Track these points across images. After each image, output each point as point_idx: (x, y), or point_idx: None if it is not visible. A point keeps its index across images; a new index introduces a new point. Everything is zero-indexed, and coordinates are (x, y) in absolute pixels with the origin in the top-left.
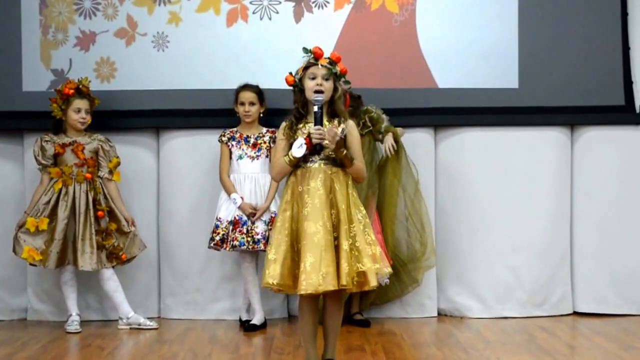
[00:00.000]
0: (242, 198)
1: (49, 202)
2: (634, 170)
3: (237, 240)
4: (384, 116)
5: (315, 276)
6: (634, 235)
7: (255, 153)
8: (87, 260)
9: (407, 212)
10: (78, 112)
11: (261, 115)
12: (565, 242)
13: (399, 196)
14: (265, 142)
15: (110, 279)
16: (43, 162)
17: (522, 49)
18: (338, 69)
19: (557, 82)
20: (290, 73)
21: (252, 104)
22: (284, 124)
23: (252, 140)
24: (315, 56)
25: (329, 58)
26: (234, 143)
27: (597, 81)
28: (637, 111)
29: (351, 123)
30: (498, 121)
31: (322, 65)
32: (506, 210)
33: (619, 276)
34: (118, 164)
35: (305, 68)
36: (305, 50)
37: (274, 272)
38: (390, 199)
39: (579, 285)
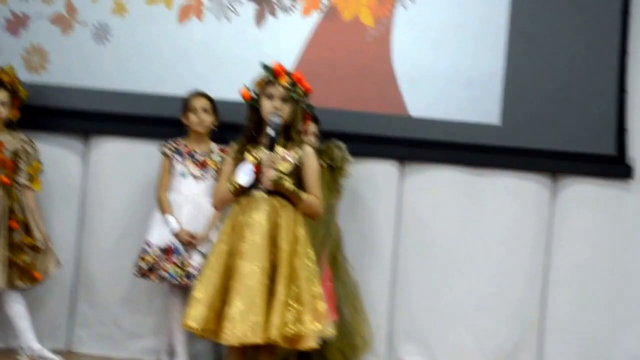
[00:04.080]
0: (178, 223)
1: None
2: (620, 234)
3: (167, 272)
4: (348, 170)
5: (242, 326)
6: (612, 307)
7: (201, 172)
8: None
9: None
10: None
11: (213, 128)
12: (535, 305)
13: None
14: (214, 162)
15: (15, 301)
16: None
17: (508, 81)
18: (299, 90)
19: (544, 122)
20: (247, 87)
21: (206, 111)
22: (233, 145)
23: (199, 157)
24: (274, 75)
25: (290, 77)
26: (178, 157)
27: (587, 125)
28: (628, 163)
29: (309, 150)
30: (473, 160)
31: (281, 85)
32: (473, 264)
33: (591, 349)
34: (39, 170)
35: (263, 85)
36: (265, 66)
37: (196, 314)
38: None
39: (548, 354)
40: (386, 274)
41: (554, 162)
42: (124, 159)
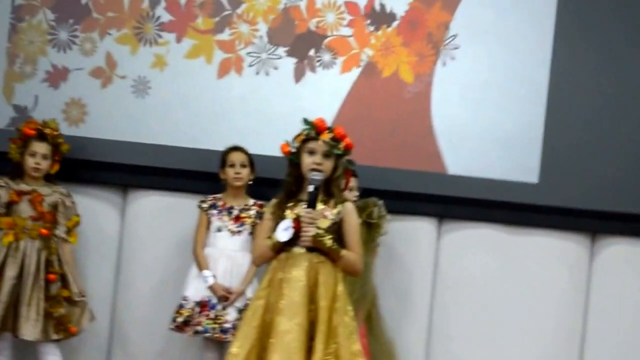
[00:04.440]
0: (214, 277)
1: None
2: None
3: (202, 325)
4: (386, 226)
5: None
6: None
7: (237, 227)
8: (31, 328)
9: None
10: (32, 156)
11: (250, 183)
12: None
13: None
14: (250, 217)
15: (52, 353)
16: None
17: (547, 139)
18: (341, 146)
19: (583, 181)
20: (287, 142)
21: (243, 166)
22: (273, 201)
23: (235, 212)
24: (316, 130)
25: (332, 133)
26: (214, 212)
27: (627, 185)
28: None
29: (349, 206)
30: (511, 219)
31: (323, 141)
32: (510, 323)
33: None
34: (77, 223)
35: (304, 140)
36: (306, 122)
37: None
38: None
39: None
40: (422, 332)
41: (593, 222)
42: (162, 213)
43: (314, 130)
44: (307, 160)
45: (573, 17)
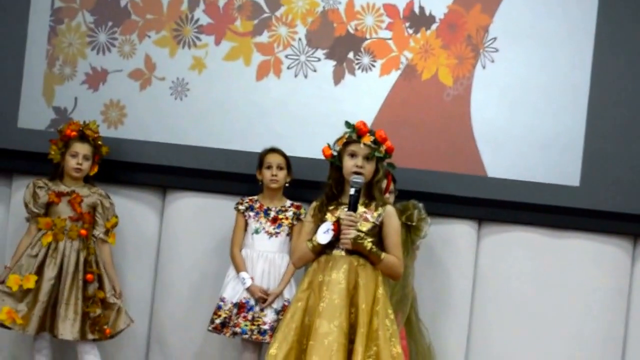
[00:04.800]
0: (252, 279)
1: (35, 256)
2: None
3: (240, 327)
4: (426, 229)
5: None
6: None
7: (274, 229)
8: (69, 328)
9: None
10: (74, 157)
11: (287, 185)
12: None
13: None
14: (287, 218)
15: (91, 352)
16: (34, 210)
17: (589, 142)
18: (383, 150)
19: (624, 184)
20: (329, 145)
21: (280, 168)
22: (314, 204)
23: (272, 214)
24: (358, 133)
25: (373, 136)
26: (251, 214)
27: None
28: None
29: (390, 209)
30: (552, 222)
31: (364, 144)
32: (550, 327)
33: None
34: (116, 224)
35: (346, 143)
36: (348, 124)
37: None
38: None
39: None
40: (462, 334)
41: (635, 225)
42: (200, 214)
43: (355, 133)
44: (349, 163)
45: (614, 20)
